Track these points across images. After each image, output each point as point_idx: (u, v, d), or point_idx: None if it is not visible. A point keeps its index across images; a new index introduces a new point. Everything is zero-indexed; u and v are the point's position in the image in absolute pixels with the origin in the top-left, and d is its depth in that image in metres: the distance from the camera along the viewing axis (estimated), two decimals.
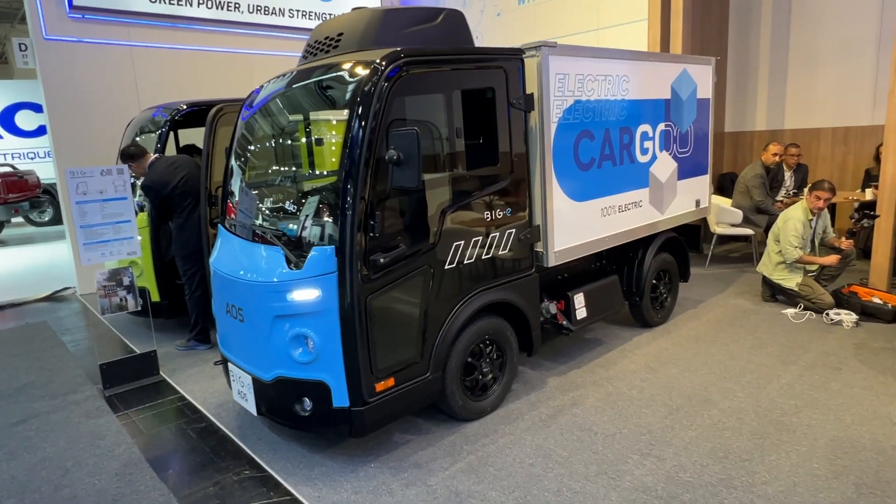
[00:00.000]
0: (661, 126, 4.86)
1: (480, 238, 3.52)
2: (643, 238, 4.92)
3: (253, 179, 3.65)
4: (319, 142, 3.26)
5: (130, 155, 5.03)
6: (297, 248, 3.10)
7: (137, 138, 5.92)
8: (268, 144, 3.60)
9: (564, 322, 4.30)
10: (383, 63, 2.99)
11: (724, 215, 6.98)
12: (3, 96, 14.92)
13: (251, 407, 3.39)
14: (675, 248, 5.42)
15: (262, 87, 3.75)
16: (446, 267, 3.35)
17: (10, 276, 9.24)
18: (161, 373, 4.81)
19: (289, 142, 3.51)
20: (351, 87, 3.02)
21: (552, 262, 3.96)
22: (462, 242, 3.41)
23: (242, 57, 8.77)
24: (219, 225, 3.90)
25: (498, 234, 3.63)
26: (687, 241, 5.65)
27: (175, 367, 4.96)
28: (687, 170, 5.27)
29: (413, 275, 3.17)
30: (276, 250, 3.17)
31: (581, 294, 4.41)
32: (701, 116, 5.39)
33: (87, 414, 4.15)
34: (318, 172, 3.20)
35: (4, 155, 14.94)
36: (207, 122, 4.92)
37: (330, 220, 2.99)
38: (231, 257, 3.53)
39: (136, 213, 5.41)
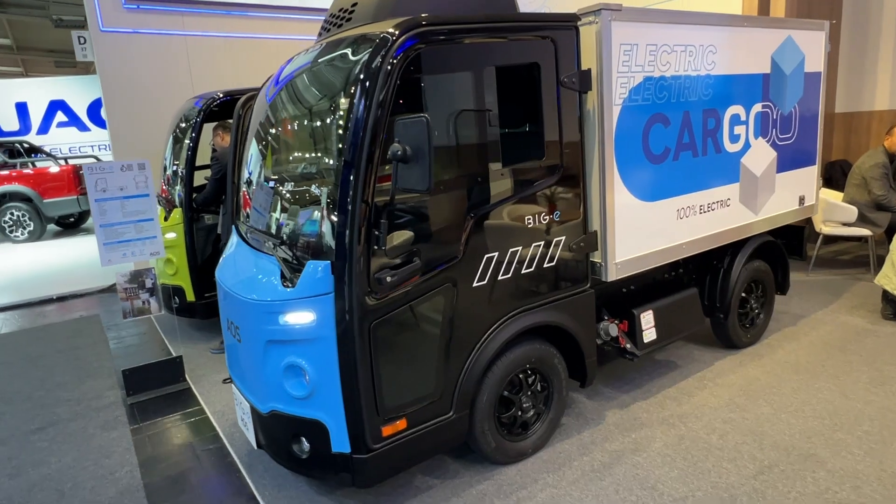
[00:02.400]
0: (758, 107, 3.97)
1: (520, 248, 2.89)
2: (731, 243, 4.07)
3: (256, 176, 3.20)
4: (318, 134, 2.74)
5: (226, 127, 5.09)
6: (296, 261, 2.61)
7: (181, 125, 5.70)
8: (270, 136, 3.13)
9: (628, 345, 3.58)
10: (394, 35, 2.42)
11: (834, 212, 5.87)
12: (91, 91, 15.67)
13: (251, 438, 2.96)
14: (771, 255, 4.51)
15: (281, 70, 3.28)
16: (475, 284, 2.75)
17: (83, 265, 9.53)
18: (188, 378, 4.54)
19: (289, 134, 3.02)
20: (352, 67, 2.47)
21: (613, 275, 3.26)
22: (496, 254, 2.80)
23: (298, 43, 8.44)
24: (233, 226, 3.50)
25: (543, 242, 2.98)
26: (786, 245, 4.70)
27: (203, 372, 4.68)
28: (789, 160, 4.34)
29: (431, 295, 2.61)
30: (274, 262, 2.71)
31: (650, 312, 3.67)
32: (809, 94, 4.42)
33: (103, 425, 3.92)
34: (317, 170, 2.70)
35: (92, 146, 15.73)
36: (235, 112, 4.55)
37: (327, 229, 2.47)
38: (233, 265, 3.11)
39: (173, 208, 5.21)
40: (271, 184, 3.03)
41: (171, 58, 7.59)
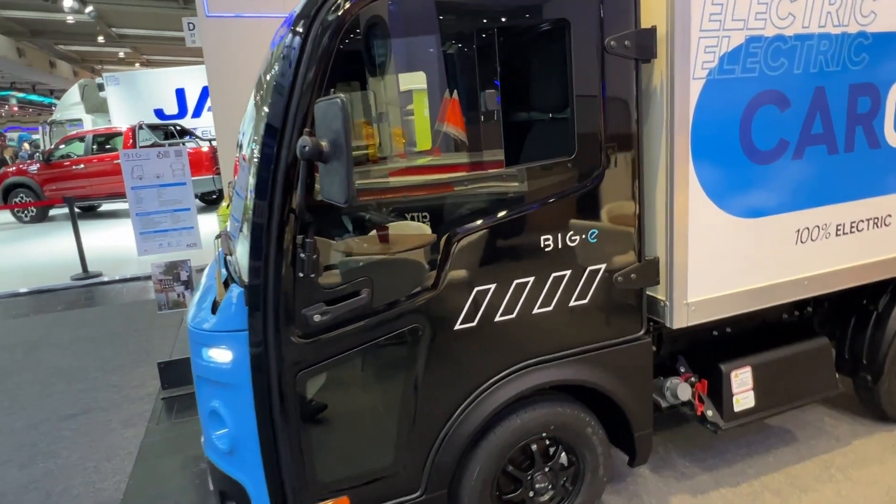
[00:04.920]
0: None
1: (531, 280, 2.10)
2: (890, 278, 2.84)
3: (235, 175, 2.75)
4: (256, 114, 2.18)
5: None
6: (235, 281, 2.10)
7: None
8: (244, 124, 2.64)
9: (708, 412, 2.61)
10: None
11: None
12: None
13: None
14: None
15: None
16: (458, 327, 2.03)
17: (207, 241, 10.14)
18: None
19: (248, 112, 2.50)
20: (290, 26, 1.86)
21: (682, 320, 2.32)
22: (492, 287, 2.05)
23: None
24: None
25: (569, 272, 2.15)
26: None
27: None
28: None
29: (388, 339, 1.94)
30: (222, 278, 2.23)
31: (747, 369, 2.64)
32: None
33: (126, 420, 3.82)
34: (250, 165, 2.14)
35: None
36: None
37: (244, 245, 1.91)
38: (207, 275, 2.70)
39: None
40: (235, 181, 2.55)
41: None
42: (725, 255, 2.37)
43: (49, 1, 15.63)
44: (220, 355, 1.96)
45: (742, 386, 2.64)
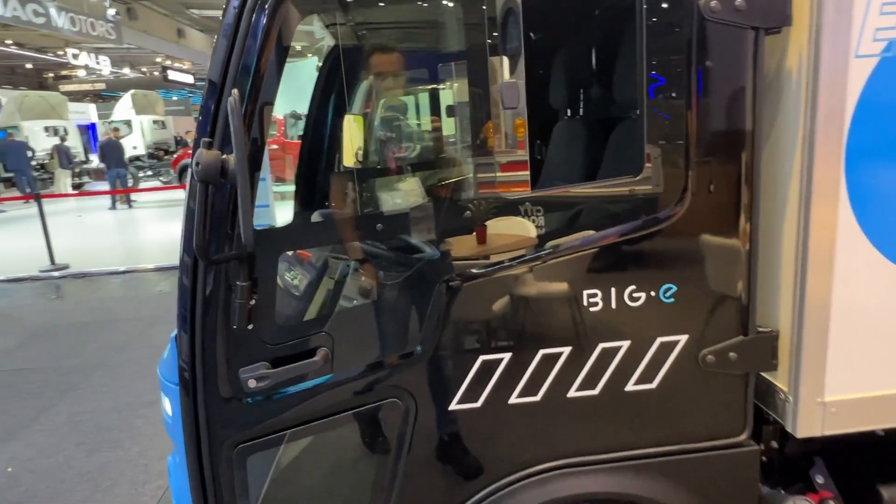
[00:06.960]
0: None
1: (566, 351, 1.47)
2: None
3: None
4: None
5: None
6: None
7: None
8: None
9: None
10: None
11: None
12: None
13: None
14: None
15: None
16: (455, 406, 1.48)
17: None
18: None
19: None
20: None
21: (814, 427, 1.53)
22: (505, 357, 1.46)
23: None
24: None
25: (626, 343, 1.48)
26: None
27: None
28: None
29: (354, 415, 1.46)
30: None
31: None
32: None
33: None
34: None
35: None
36: None
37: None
38: None
39: None
40: None
41: None
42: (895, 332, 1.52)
43: None
44: (165, 404, 1.63)
45: None
